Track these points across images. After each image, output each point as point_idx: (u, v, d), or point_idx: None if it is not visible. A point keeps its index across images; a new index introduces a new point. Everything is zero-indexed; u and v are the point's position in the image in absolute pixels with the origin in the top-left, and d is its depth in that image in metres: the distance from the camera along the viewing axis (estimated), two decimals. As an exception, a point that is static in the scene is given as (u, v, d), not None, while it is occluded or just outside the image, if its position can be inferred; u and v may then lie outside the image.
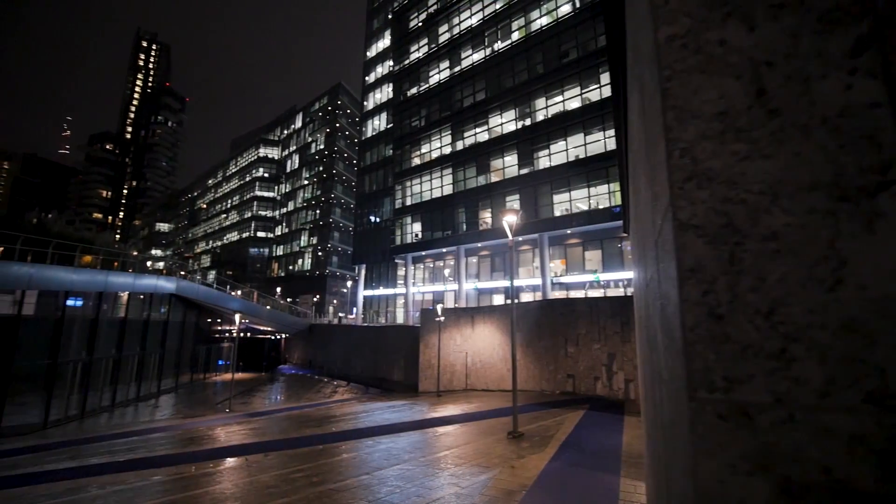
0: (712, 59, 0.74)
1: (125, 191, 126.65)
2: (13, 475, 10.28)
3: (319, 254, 58.13)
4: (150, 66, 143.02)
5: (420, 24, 36.92)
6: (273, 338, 43.70)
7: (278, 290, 53.75)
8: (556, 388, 16.54)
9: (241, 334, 34.54)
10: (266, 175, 71.57)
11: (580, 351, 15.88)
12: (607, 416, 12.14)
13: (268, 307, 36.91)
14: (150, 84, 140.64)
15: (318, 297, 54.09)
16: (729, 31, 0.74)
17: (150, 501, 7.47)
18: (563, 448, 8.60)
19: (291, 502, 6.55)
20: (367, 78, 46.83)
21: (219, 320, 39.28)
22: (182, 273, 35.60)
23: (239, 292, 36.74)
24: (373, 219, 42.30)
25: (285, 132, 72.09)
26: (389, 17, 43.46)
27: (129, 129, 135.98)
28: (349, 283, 55.42)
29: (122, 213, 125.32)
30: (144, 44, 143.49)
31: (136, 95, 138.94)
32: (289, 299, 47.66)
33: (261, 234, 70.00)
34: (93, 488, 8.67)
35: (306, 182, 63.26)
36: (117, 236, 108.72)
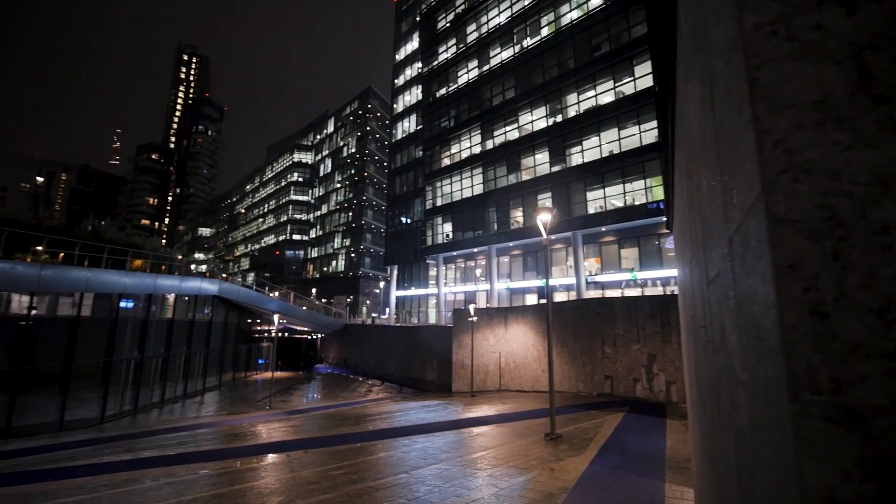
0: (807, 45, 0.71)
1: (170, 197, 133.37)
2: (76, 465, 11.00)
3: (352, 255, 59.27)
4: (191, 78, 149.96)
5: (448, 24, 37.03)
6: (309, 338, 44.88)
7: (313, 291, 55.17)
8: (593, 389, 16.19)
9: (280, 334, 35.66)
10: (300, 179, 73.60)
11: (618, 352, 15.48)
12: (648, 419, 11.78)
13: (304, 308, 37.93)
14: (190, 95, 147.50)
15: (351, 297, 55.16)
16: (825, 16, 0.70)
17: (199, 494, 7.81)
18: (603, 451, 8.41)
19: (333, 499, 6.70)
20: (396, 81, 47.36)
21: (258, 321, 40.71)
22: (224, 275, 37.13)
23: (276, 293, 37.95)
24: (404, 220, 42.73)
25: (318, 137, 73.92)
26: (417, 19, 43.80)
27: (173, 138, 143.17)
28: (381, 284, 56.25)
29: (167, 219, 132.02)
30: (185, 57, 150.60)
31: (178, 106, 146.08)
32: (323, 300, 48.81)
33: (296, 236, 72.04)
34: (147, 480, 9.15)
35: (339, 185, 64.65)
36: (163, 241, 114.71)
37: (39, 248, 22.02)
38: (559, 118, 26.61)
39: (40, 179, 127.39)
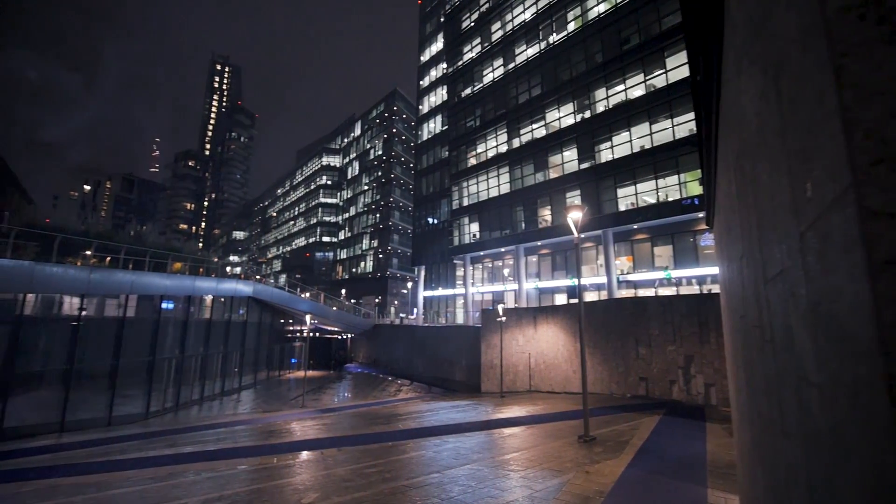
0: (901, 27, 0.67)
1: (206, 202, 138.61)
2: (125, 459, 11.57)
3: (380, 256, 59.98)
4: (224, 87, 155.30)
5: (472, 23, 36.98)
6: (340, 337, 45.69)
7: (343, 291, 56.16)
8: (627, 391, 15.80)
9: (311, 334, 36.47)
10: (329, 182, 75.04)
11: (653, 352, 15.05)
12: (686, 422, 11.40)
13: (334, 308, 38.65)
14: (224, 103, 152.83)
15: (379, 298, 55.83)
16: (921, -5, 0.66)
17: (239, 489, 8.07)
18: (640, 454, 8.20)
19: (367, 497, 6.78)
20: (421, 82, 47.64)
21: (290, 321, 41.74)
22: (257, 277, 38.25)
23: (307, 294, 38.80)
24: (431, 220, 42.92)
25: (345, 140, 75.21)
26: (441, 20, 43.93)
27: (208, 145, 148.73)
28: (409, 285, 56.69)
29: (203, 223, 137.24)
30: (218, 67, 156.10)
31: (212, 114, 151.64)
32: (352, 300, 49.61)
33: (325, 238, 73.49)
34: (189, 474, 9.51)
35: (366, 187, 65.58)
36: (200, 244, 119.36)
37: (88, 252, 23.28)
38: (587, 114, 26.12)
39: (87, 188, 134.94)
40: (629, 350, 15.90)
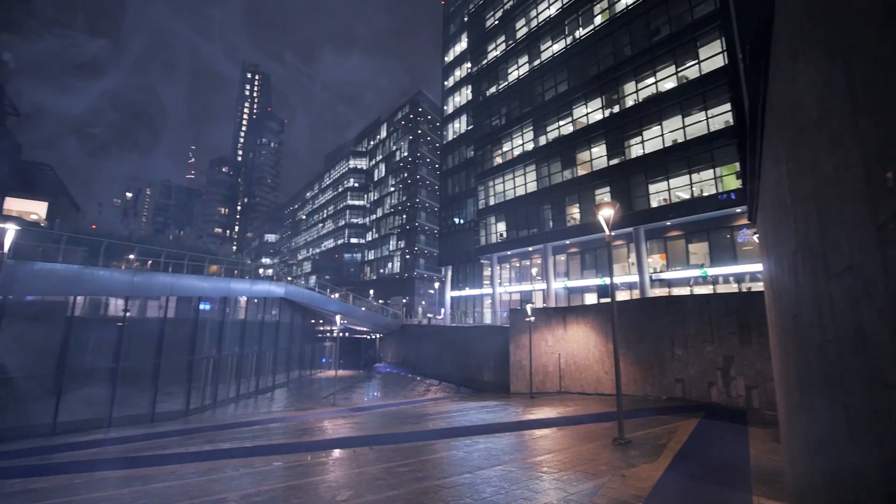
0: None
1: (239, 207, 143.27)
2: (168, 454, 12.06)
3: (407, 257, 60.47)
4: (255, 94, 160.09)
5: (496, 21, 36.78)
6: (368, 337, 46.31)
7: (371, 292, 56.91)
8: (663, 392, 15.34)
9: (341, 334, 37.08)
10: (356, 185, 76.24)
11: (689, 353, 14.55)
12: (727, 426, 10.97)
13: (362, 308, 39.20)
14: (255, 110, 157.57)
15: (406, 298, 56.27)
16: None
17: (276, 484, 8.28)
18: (678, 458, 7.93)
19: (400, 495, 6.83)
20: (445, 83, 47.72)
21: (320, 321, 42.61)
22: (289, 279, 39.20)
23: (337, 295, 39.49)
24: (457, 220, 42.93)
25: (371, 143, 76.25)
26: (465, 19, 43.89)
27: (240, 151, 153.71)
28: (436, 285, 56.92)
29: (237, 227, 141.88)
30: (249, 75, 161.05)
31: (244, 121, 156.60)
32: (380, 301, 50.20)
33: (353, 240, 74.68)
34: (228, 469, 9.82)
35: (392, 189, 66.26)
36: (234, 247, 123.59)
37: (131, 256, 24.44)
38: (616, 109, 25.52)
39: (129, 195, 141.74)
40: (664, 351, 15.43)
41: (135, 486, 8.62)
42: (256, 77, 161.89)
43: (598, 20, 27.32)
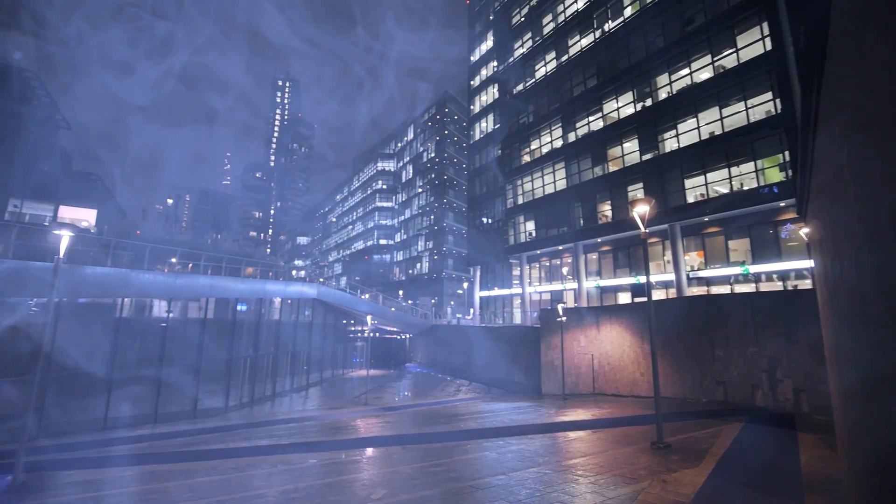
0: None
1: (272, 210, 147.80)
2: (209, 449, 12.52)
3: (435, 257, 60.69)
4: (285, 101, 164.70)
5: (522, 18, 36.39)
6: (398, 338, 46.76)
7: (400, 293, 57.45)
8: (703, 395, 14.74)
9: (372, 334, 37.60)
10: (384, 187, 77.18)
11: (731, 355, 13.93)
12: (774, 431, 10.43)
13: (392, 309, 39.60)
14: (286, 116, 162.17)
15: (435, 299, 56.48)
16: None
17: (312, 482, 8.43)
18: (722, 464, 7.58)
19: (434, 495, 6.82)
20: (472, 82, 47.58)
21: (352, 321, 43.34)
22: (320, 280, 40.07)
23: (367, 296, 40.05)
24: (485, 220, 42.72)
25: (399, 145, 77.00)
26: (491, 17, 43.64)
27: (272, 157, 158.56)
28: (465, 285, 56.83)
29: (270, 230, 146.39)
30: (279, 83, 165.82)
31: (275, 127, 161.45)
32: (409, 301, 50.57)
33: (382, 241, 75.61)
34: (266, 466, 10.09)
35: (420, 190, 66.67)
36: (268, 250, 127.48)
37: (173, 259, 25.57)
38: (648, 102, 24.75)
39: (170, 201, 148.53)
40: (704, 352, 14.83)
41: (180, 479, 8.97)
42: (287, 84, 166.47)
43: (627, 12, 26.59)
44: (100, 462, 11.41)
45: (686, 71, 22.79)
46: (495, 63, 41.65)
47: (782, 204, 18.57)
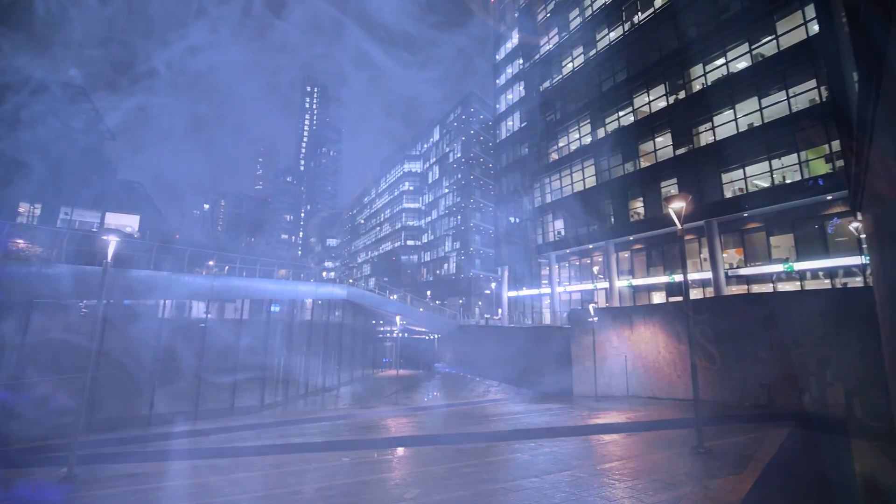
0: None
1: (302, 213, 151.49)
2: (246, 446, 12.91)
3: (462, 257, 60.66)
4: (314, 106, 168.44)
5: (548, 14, 35.91)
6: (427, 338, 46.93)
7: (428, 293, 57.69)
8: (744, 399, 14.11)
9: (400, 335, 37.89)
10: (411, 188, 77.78)
11: (775, 356, 13.27)
12: (824, 437, 9.87)
13: (420, 309, 39.80)
14: (314, 121, 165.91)
15: (463, 299, 56.42)
16: None
17: (346, 480, 8.57)
18: (769, 471, 7.22)
19: (467, 496, 6.79)
20: (497, 81, 47.29)
21: (381, 322, 43.81)
22: (350, 281, 40.74)
23: (395, 296, 40.40)
24: (512, 220, 42.36)
25: (425, 146, 77.43)
26: (516, 15, 43.26)
27: (302, 161, 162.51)
28: (493, 285, 56.52)
29: (301, 233, 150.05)
30: (308, 89, 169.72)
31: (305, 132, 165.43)
32: (437, 302, 50.71)
33: (410, 242, 76.18)
34: (300, 463, 10.33)
35: (447, 190, 66.79)
36: (299, 252, 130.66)
37: (210, 262, 26.54)
38: (682, 95, 23.91)
39: (206, 206, 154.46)
40: (745, 353, 14.19)
41: (220, 474, 9.30)
42: (315, 90, 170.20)
43: (658, 2, 25.79)
44: (145, 456, 11.96)
45: (722, 61, 21.90)
46: (521, 61, 41.26)
47: (829, 197, 17.57)
